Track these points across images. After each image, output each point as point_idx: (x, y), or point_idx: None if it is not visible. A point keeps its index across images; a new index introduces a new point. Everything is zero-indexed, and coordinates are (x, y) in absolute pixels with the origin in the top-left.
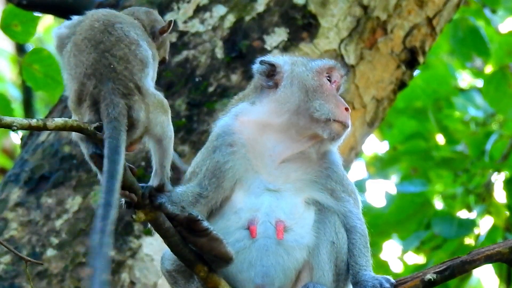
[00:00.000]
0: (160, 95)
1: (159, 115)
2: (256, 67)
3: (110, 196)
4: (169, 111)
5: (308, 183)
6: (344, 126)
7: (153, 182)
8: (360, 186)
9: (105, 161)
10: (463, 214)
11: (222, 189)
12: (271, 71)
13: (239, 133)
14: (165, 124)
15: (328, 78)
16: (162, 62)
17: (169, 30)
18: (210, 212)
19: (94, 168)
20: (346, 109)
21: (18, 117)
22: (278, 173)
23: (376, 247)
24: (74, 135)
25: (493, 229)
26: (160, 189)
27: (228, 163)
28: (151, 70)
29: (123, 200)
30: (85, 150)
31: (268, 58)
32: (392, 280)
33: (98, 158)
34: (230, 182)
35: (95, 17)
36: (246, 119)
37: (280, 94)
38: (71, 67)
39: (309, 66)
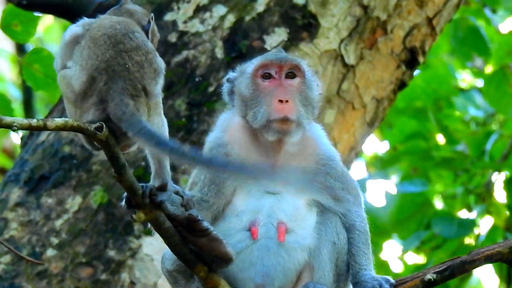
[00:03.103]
0: (159, 99)
1: (155, 116)
2: (224, 87)
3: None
4: (162, 113)
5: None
6: (283, 120)
7: (154, 182)
8: (360, 186)
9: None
10: (463, 214)
11: (223, 194)
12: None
13: (231, 144)
14: (160, 125)
15: (267, 75)
16: None
17: (151, 25)
18: (214, 218)
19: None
20: (280, 101)
21: (19, 117)
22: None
23: (376, 247)
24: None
25: (493, 229)
26: (163, 188)
27: None
28: (161, 81)
29: (123, 202)
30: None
31: (231, 74)
32: (392, 281)
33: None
34: (229, 188)
35: (115, 20)
36: (233, 128)
37: (235, 110)
38: (83, 58)
39: (245, 73)
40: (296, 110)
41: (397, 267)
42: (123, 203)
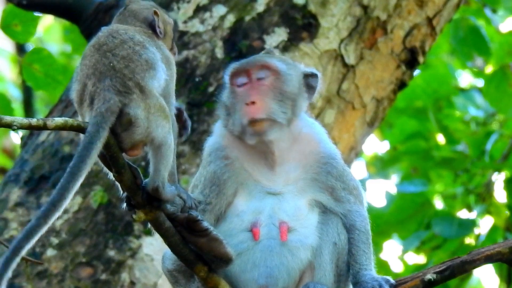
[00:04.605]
0: (163, 101)
1: (160, 118)
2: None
3: (59, 194)
4: (170, 120)
5: (309, 182)
6: (251, 122)
7: (148, 185)
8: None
9: (74, 157)
10: (463, 214)
11: (225, 195)
12: None
13: (230, 148)
14: (166, 129)
15: (241, 81)
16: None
17: (158, 19)
18: (217, 219)
19: (102, 166)
20: (247, 104)
21: (18, 117)
22: (277, 177)
23: (376, 247)
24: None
25: (494, 229)
26: (154, 192)
27: (225, 174)
28: (160, 73)
29: (124, 204)
30: None
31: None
32: (392, 281)
33: (104, 158)
34: (230, 189)
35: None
36: (229, 133)
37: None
38: (77, 73)
39: (225, 83)
40: (265, 108)
41: (397, 267)
42: (124, 205)
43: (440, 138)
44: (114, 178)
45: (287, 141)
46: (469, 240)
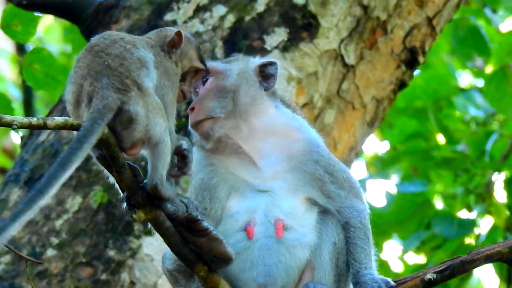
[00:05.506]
0: (158, 100)
1: (157, 116)
2: None
3: (47, 182)
4: (166, 119)
5: (297, 175)
6: (194, 128)
7: (146, 184)
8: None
9: (66, 149)
10: (463, 214)
11: (218, 199)
12: None
13: (211, 156)
14: (163, 127)
15: (197, 92)
16: (196, 71)
17: (181, 42)
18: (215, 224)
19: (102, 168)
20: (189, 112)
21: (19, 116)
22: (263, 173)
23: (376, 247)
24: None
25: (494, 229)
26: (153, 190)
27: (213, 178)
28: (153, 74)
29: (124, 204)
30: (92, 152)
31: None
32: (392, 283)
33: (103, 159)
34: (222, 193)
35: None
36: (206, 150)
37: None
38: (71, 76)
39: None
40: (202, 109)
41: (397, 267)
42: (124, 204)
43: (440, 138)
44: (114, 179)
45: (249, 132)
46: (469, 240)
